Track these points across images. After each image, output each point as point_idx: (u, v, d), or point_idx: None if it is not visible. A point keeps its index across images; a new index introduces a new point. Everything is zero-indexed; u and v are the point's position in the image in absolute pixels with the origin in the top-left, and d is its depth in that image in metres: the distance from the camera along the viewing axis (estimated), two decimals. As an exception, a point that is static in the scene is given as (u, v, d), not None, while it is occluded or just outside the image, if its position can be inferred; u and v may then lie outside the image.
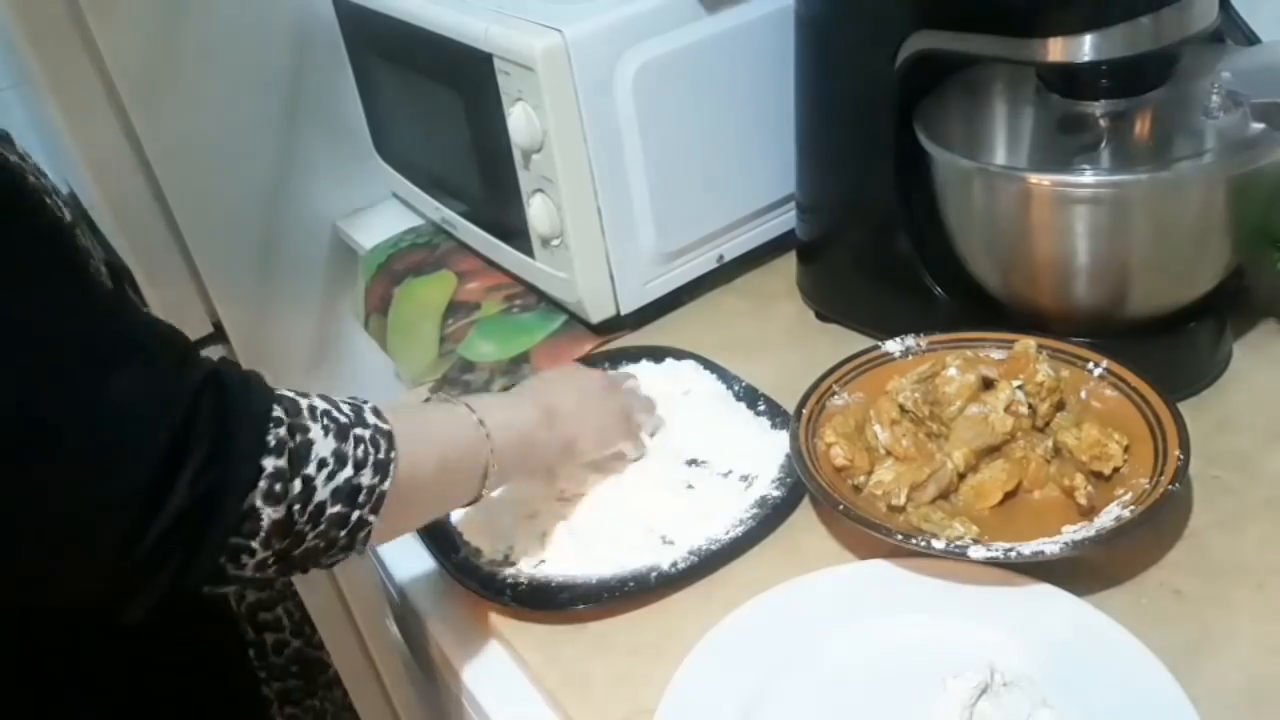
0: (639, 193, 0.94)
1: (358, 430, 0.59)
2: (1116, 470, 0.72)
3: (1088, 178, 0.75)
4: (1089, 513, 0.69)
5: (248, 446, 0.53)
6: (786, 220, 1.05)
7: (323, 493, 0.56)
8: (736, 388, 0.89)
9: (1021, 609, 0.65)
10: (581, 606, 0.72)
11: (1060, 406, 0.76)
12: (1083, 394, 0.77)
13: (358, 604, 1.30)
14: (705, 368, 0.92)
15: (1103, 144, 0.79)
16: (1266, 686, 0.60)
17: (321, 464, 0.56)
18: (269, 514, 0.53)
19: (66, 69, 1.05)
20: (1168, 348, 0.80)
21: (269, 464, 0.53)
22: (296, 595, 0.86)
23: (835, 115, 0.89)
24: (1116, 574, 0.67)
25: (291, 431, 0.55)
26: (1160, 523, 0.67)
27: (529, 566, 0.75)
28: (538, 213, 0.94)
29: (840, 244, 0.95)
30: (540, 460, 0.75)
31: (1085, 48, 0.71)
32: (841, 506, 0.70)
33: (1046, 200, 0.77)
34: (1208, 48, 0.81)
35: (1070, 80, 0.79)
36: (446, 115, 1.03)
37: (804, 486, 0.76)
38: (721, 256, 1.04)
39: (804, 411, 0.78)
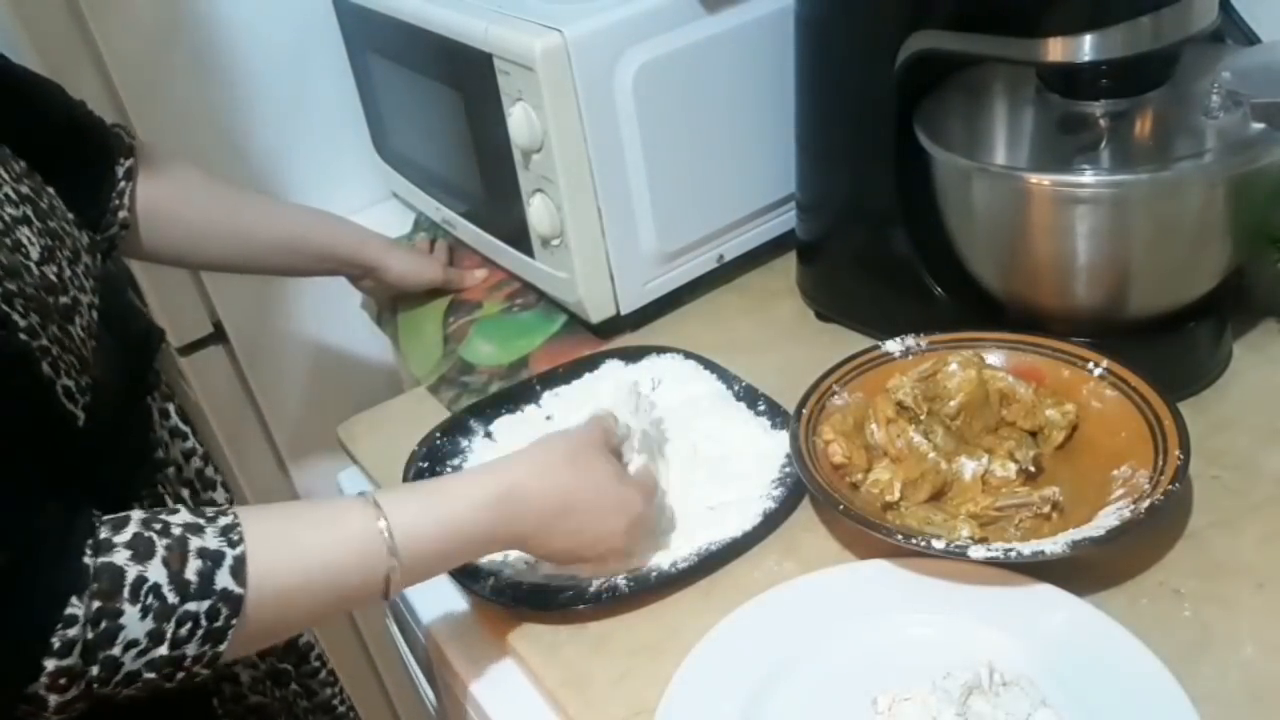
0: (639, 193, 0.94)
1: (190, 606, 0.55)
2: (1068, 438, 0.75)
3: (1088, 178, 0.75)
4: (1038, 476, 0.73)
5: (20, 653, 0.51)
6: (786, 220, 1.05)
7: (133, 665, 0.54)
8: (736, 388, 0.89)
9: (1021, 609, 0.65)
10: (581, 606, 0.72)
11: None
12: (1083, 393, 0.77)
13: (358, 604, 1.29)
14: (705, 368, 0.92)
15: (1103, 144, 0.79)
16: (1266, 686, 0.60)
17: (130, 645, 0.53)
18: (54, 700, 0.53)
19: (66, 69, 1.05)
20: (1168, 348, 0.80)
21: (50, 664, 0.52)
22: None
23: (835, 115, 0.89)
24: (1116, 574, 0.67)
25: (98, 618, 0.52)
26: (1160, 523, 0.67)
27: (529, 566, 0.76)
28: (538, 213, 0.94)
29: (840, 244, 0.95)
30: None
31: (1085, 48, 0.71)
32: (841, 506, 0.70)
33: (1046, 200, 0.77)
34: (1208, 48, 0.81)
35: (1070, 80, 0.79)
36: (446, 115, 1.03)
37: (804, 486, 0.76)
38: (721, 256, 1.04)
39: (804, 411, 0.78)
